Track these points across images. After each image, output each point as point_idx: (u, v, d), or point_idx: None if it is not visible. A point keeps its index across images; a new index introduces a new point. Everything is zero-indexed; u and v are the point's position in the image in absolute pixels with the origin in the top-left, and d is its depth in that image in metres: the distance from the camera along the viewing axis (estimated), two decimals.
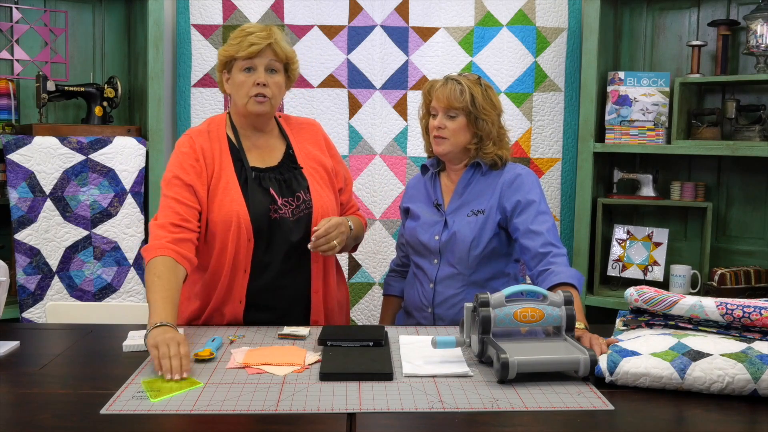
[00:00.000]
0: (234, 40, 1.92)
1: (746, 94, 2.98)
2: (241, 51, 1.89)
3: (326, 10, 3.18)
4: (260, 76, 1.91)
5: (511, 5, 3.18)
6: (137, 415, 1.29)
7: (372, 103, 3.19)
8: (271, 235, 1.91)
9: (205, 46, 3.18)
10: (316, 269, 1.96)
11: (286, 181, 1.96)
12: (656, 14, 3.15)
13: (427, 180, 2.16)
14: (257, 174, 1.94)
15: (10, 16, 2.94)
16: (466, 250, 2.00)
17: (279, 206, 1.92)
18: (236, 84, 1.93)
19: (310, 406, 1.33)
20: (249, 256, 1.89)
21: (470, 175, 2.08)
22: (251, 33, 1.91)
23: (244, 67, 1.91)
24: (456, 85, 2.01)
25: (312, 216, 1.93)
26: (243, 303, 1.91)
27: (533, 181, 2.03)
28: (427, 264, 2.07)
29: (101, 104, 3.02)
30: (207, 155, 1.93)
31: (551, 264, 1.85)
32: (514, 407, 1.33)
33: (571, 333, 1.58)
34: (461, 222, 2.02)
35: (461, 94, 2.00)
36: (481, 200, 2.04)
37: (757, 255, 3.00)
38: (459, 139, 2.03)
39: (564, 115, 3.21)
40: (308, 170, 2.00)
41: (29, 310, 2.74)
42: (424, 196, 2.15)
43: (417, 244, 2.09)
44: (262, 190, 1.93)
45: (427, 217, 2.09)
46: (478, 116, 2.01)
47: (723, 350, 1.42)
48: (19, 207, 2.70)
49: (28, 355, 1.66)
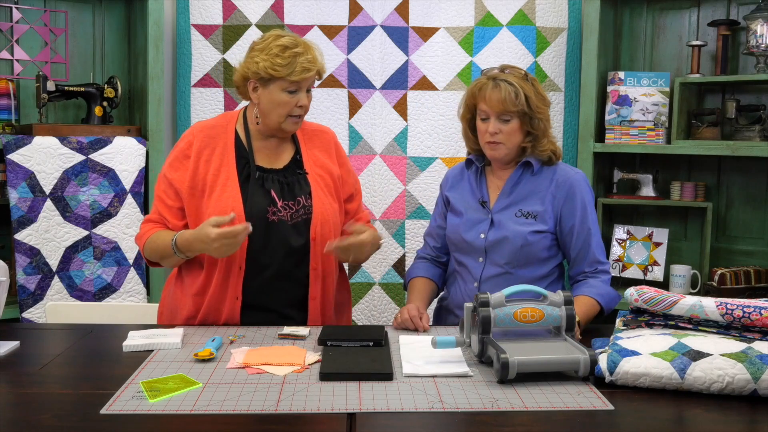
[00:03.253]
0: (281, 59, 1.86)
1: (746, 94, 2.98)
2: (293, 75, 1.86)
3: (326, 10, 3.18)
4: (303, 98, 1.91)
5: (511, 5, 3.18)
6: (137, 415, 1.29)
7: (372, 103, 3.19)
8: (268, 236, 1.91)
9: (205, 46, 3.18)
10: (314, 275, 1.95)
11: (289, 185, 1.96)
12: (656, 14, 3.16)
13: (472, 175, 2.09)
14: (261, 174, 1.94)
15: (10, 16, 2.94)
16: (516, 251, 1.95)
17: (278, 209, 1.92)
18: (275, 102, 1.90)
19: (310, 406, 1.33)
20: (243, 253, 1.89)
21: (519, 174, 2.01)
22: (299, 55, 1.87)
23: (289, 89, 1.88)
24: (509, 87, 1.91)
25: (311, 222, 1.93)
26: (239, 300, 1.91)
27: (586, 190, 2.00)
28: (471, 262, 2.02)
29: (101, 104, 3.02)
30: (201, 152, 1.94)
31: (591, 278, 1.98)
32: (514, 407, 1.33)
33: (571, 333, 1.58)
34: (510, 222, 1.97)
35: (516, 98, 1.91)
36: (531, 201, 1.99)
37: (757, 255, 3.00)
38: (514, 141, 1.96)
39: (564, 115, 3.21)
40: (313, 176, 1.99)
41: (29, 310, 2.74)
42: (467, 190, 2.08)
43: (460, 241, 2.03)
44: (263, 190, 1.93)
45: (471, 214, 2.03)
46: (533, 116, 1.93)
47: (723, 350, 1.42)
48: (19, 207, 2.70)
49: (28, 355, 1.66)
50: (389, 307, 3.20)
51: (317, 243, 1.93)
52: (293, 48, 1.87)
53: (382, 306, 3.20)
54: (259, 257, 1.91)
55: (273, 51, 1.87)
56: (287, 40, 1.89)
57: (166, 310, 2.03)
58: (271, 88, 1.89)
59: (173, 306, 2.00)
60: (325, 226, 1.95)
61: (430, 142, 3.20)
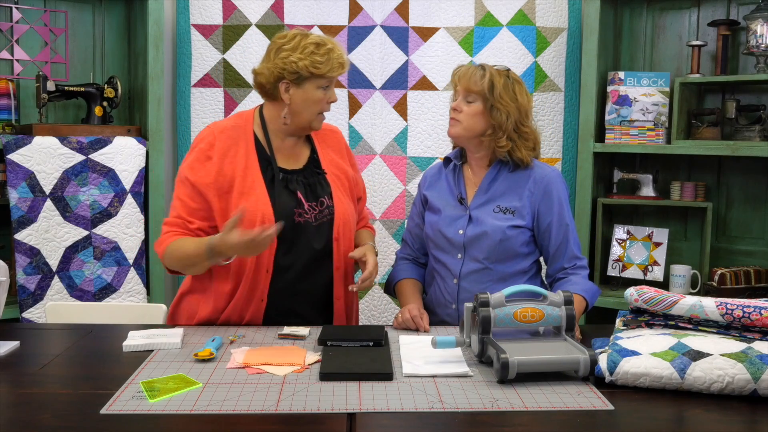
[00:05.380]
0: (318, 56, 1.86)
1: (746, 94, 2.98)
2: (333, 71, 1.87)
3: (326, 10, 3.18)
4: (333, 94, 1.92)
5: (511, 5, 3.18)
6: (137, 415, 1.29)
7: (372, 103, 3.19)
8: (294, 238, 1.91)
9: (205, 46, 3.18)
10: (338, 276, 1.96)
11: (311, 186, 1.96)
12: (656, 14, 3.16)
13: (449, 172, 2.10)
14: (285, 176, 1.94)
15: (10, 16, 2.94)
16: (494, 246, 1.96)
17: (305, 210, 1.92)
18: (310, 99, 1.89)
19: (310, 406, 1.33)
20: (272, 257, 1.89)
21: (496, 171, 2.03)
22: (332, 51, 1.88)
23: (324, 85, 1.89)
24: (478, 70, 1.97)
25: (333, 223, 1.94)
26: (264, 302, 1.90)
27: (561, 187, 2.01)
28: (450, 259, 2.02)
29: (101, 104, 3.02)
30: (225, 153, 1.90)
31: (571, 274, 1.99)
32: (514, 407, 1.33)
33: (572, 333, 1.58)
34: (488, 217, 1.98)
35: (480, 79, 1.95)
36: (509, 197, 2.00)
37: (757, 255, 3.00)
38: (471, 124, 1.97)
39: (564, 115, 3.21)
40: (331, 176, 2.00)
41: (29, 310, 2.74)
42: (445, 188, 2.09)
43: (439, 238, 2.04)
44: (289, 192, 1.92)
45: (449, 210, 2.04)
46: (494, 104, 1.95)
47: (723, 350, 1.42)
48: (19, 207, 2.70)
49: (28, 355, 1.66)
50: (389, 307, 3.20)
51: (340, 243, 1.95)
52: (325, 45, 1.88)
53: (382, 306, 3.20)
54: (284, 259, 1.90)
55: (309, 49, 1.86)
56: (318, 38, 1.90)
57: (184, 312, 1.99)
58: (306, 86, 1.88)
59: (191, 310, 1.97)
60: (346, 226, 1.96)
61: (430, 142, 3.20)
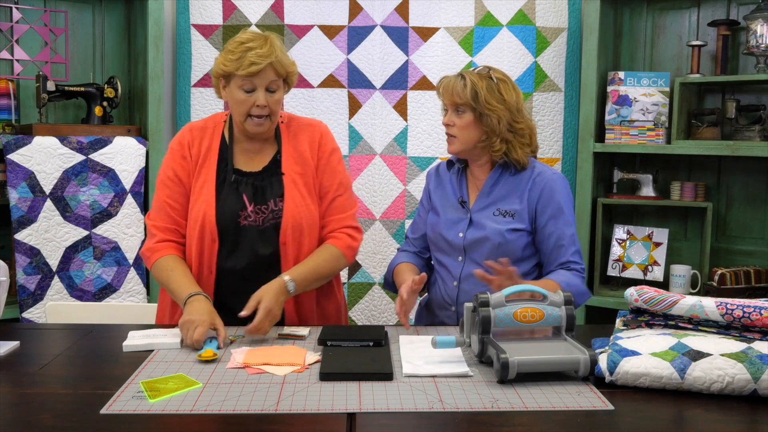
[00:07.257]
0: (232, 54, 1.82)
1: (746, 94, 2.98)
2: (240, 69, 1.81)
3: (326, 10, 3.18)
4: (260, 98, 1.84)
5: (511, 5, 3.18)
6: (137, 415, 1.29)
7: (372, 103, 3.19)
8: (237, 240, 1.90)
9: (205, 46, 3.18)
10: None
11: (262, 189, 1.93)
12: (656, 14, 3.15)
13: (452, 175, 2.10)
14: (237, 178, 1.93)
15: (10, 16, 2.94)
16: (494, 249, 1.95)
17: (249, 213, 1.90)
18: (235, 100, 1.87)
19: (310, 406, 1.33)
20: (213, 258, 1.89)
21: (498, 174, 2.01)
22: (250, 49, 1.81)
23: (243, 86, 1.84)
24: (459, 80, 1.95)
25: (281, 226, 1.90)
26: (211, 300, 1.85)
27: (563, 192, 1.98)
28: (450, 261, 2.02)
29: (101, 104, 3.02)
30: (194, 151, 1.94)
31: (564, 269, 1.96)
32: (514, 407, 1.33)
33: (572, 333, 1.58)
34: (488, 220, 1.98)
35: (463, 90, 1.93)
36: (510, 201, 1.99)
37: (757, 255, 3.00)
38: (467, 136, 1.96)
39: (564, 115, 3.21)
40: (290, 176, 1.94)
41: (29, 310, 2.74)
42: (447, 190, 2.09)
43: (439, 240, 2.04)
44: (237, 194, 1.91)
45: (450, 213, 2.04)
46: (482, 112, 1.93)
47: (723, 350, 1.42)
48: (19, 207, 2.70)
49: (28, 355, 1.66)
50: (389, 307, 3.20)
51: (288, 248, 1.90)
52: (247, 43, 1.83)
53: (382, 306, 3.20)
54: (228, 262, 1.90)
55: (229, 47, 1.85)
56: (246, 36, 1.85)
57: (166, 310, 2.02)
58: (231, 86, 1.86)
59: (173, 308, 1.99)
60: (297, 229, 1.90)
61: (430, 142, 3.20)
